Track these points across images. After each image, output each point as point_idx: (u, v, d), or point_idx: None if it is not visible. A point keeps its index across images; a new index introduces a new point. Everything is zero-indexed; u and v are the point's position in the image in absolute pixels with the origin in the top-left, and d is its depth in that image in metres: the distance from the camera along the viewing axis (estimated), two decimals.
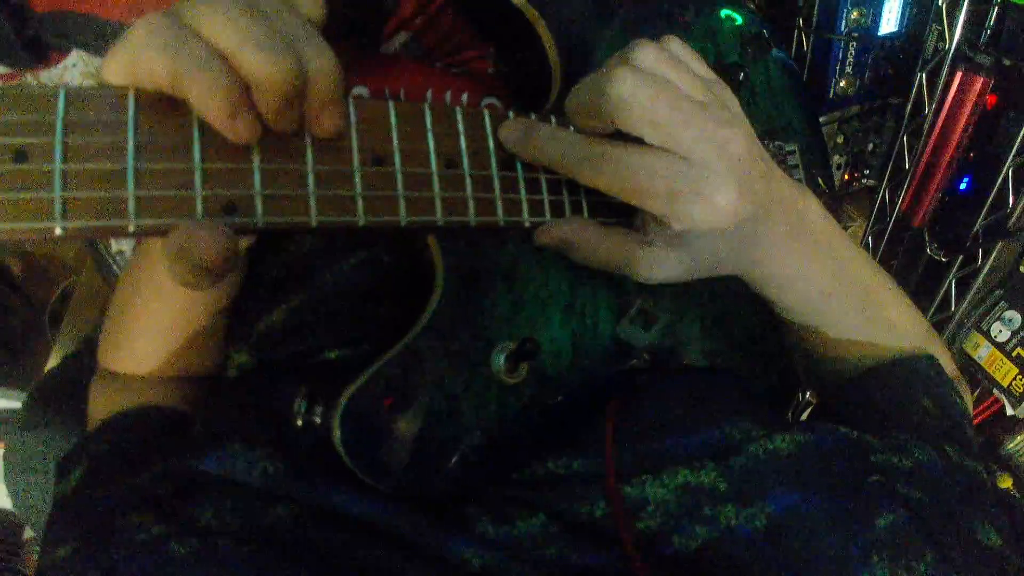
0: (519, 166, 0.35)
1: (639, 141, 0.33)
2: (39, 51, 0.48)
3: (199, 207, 0.26)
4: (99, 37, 0.46)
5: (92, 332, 1.03)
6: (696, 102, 0.33)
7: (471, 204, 0.33)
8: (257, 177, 0.27)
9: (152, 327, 0.44)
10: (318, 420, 0.30)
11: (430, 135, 0.32)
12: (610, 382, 0.39)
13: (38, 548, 0.94)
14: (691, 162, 0.33)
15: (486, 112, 0.35)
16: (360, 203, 0.29)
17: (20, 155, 0.23)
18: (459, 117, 0.33)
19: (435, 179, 0.32)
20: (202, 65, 0.24)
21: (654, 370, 0.41)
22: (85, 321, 1.10)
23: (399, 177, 0.31)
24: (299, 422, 0.30)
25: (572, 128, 0.35)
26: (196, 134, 0.26)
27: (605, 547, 0.30)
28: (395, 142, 0.31)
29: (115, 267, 0.73)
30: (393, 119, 0.31)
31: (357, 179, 0.29)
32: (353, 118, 0.30)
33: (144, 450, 0.41)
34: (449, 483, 0.32)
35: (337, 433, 0.29)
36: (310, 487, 0.33)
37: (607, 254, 0.35)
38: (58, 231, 0.24)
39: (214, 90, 0.24)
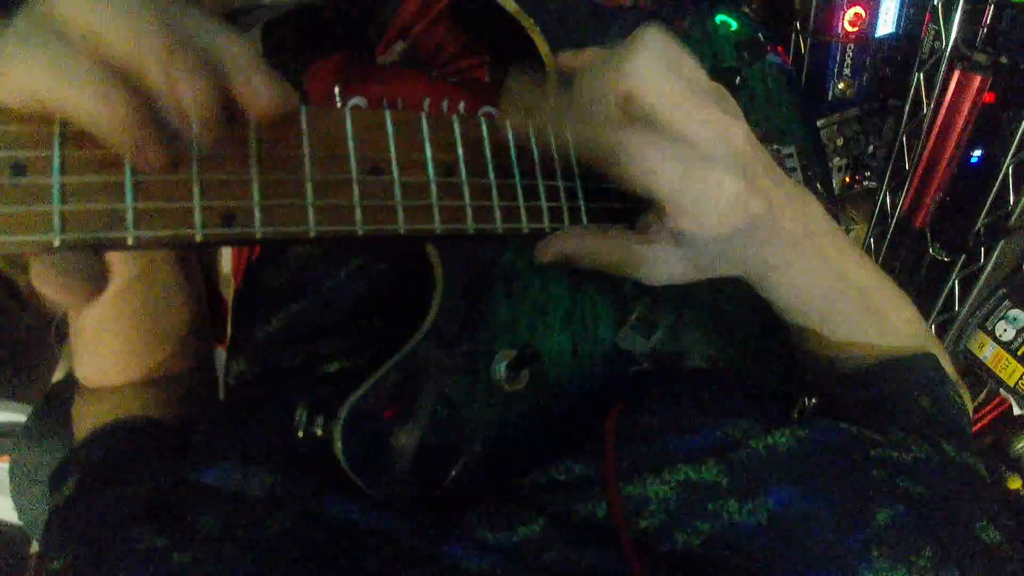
0: (517, 174, 0.35)
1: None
2: None
3: (197, 218, 0.26)
4: None
5: None
6: (702, 90, 0.34)
7: (469, 212, 0.33)
8: (256, 188, 0.27)
9: (120, 333, 0.44)
10: (319, 432, 0.30)
11: (427, 144, 0.32)
12: (611, 387, 0.39)
13: None
14: (699, 147, 0.33)
15: (483, 120, 0.35)
16: (358, 212, 0.29)
17: (19, 168, 0.23)
18: (456, 125, 0.34)
19: (433, 187, 0.32)
20: (100, 88, 0.22)
21: (656, 373, 0.41)
22: None
23: (397, 186, 0.31)
24: (300, 433, 0.30)
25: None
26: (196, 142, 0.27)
27: (605, 547, 0.30)
28: (392, 151, 0.31)
29: None
30: (390, 128, 0.31)
31: (355, 188, 0.30)
32: (350, 128, 0.30)
33: (136, 460, 0.40)
34: (450, 491, 0.32)
35: (339, 445, 0.29)
36: (310, 496, 0.33)
37: (609, 255, 0.35)
38: (56, 243, 0.24)
39: (117, 112, 0.22)
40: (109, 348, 0.44)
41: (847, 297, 0.41)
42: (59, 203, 0.24)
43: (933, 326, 0.79)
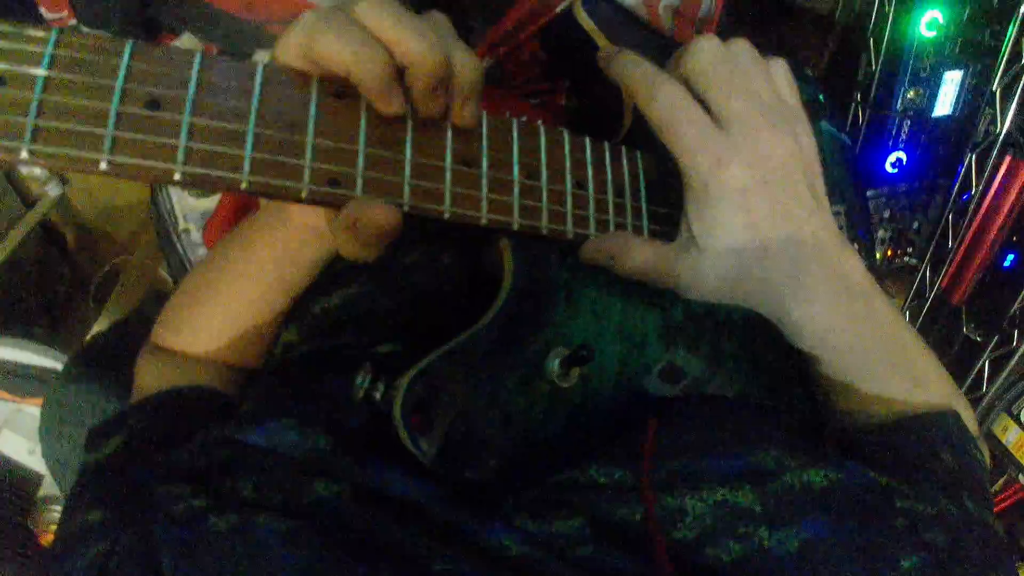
0: (590, 187, 0.37)
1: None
2: (154, 30, 0.52)
3: (306, 176, 0.29)
4: (211, 24, 0.50)
5: (141, 306, 1.06)
6: (758, 99, 0.36)
7: (545, 214, 0.35)
8: (361, 159, 0.30)
9: (230, 307, 0.45)
10: (379, 395, 0.32)
11: (515, 146, 0.35)
12: (650, 401, 0.40)
13: (53, 507, 0.95)
14: (727, 133, 0.35)
15: (566, 133, 0.37)
16: (448, 197, 0.32)
17: (154, 103, 0.26)
18: (542, 134, 0.36)
19: (516, 186, 0.34)
20: (367, 45, 0.28)
21: (691, 397, 0.42)
22: (132, 297, 1.14)
23: (484, 179, 0.33)
24: (360, 395, 0.32)
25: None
26: (313, 112, 0.29)
27: (639, 552, 0.31)
28: (484, 148, 0.34)
29: (179, 245, 0.76)
30: (484, 127, 0.34)
31: (448, 175, 0.32)
32: (449, 121, 0.33)
33: (188, 427, 0.41)
34: (494, 473, 0.33)
35: (398, 411, 0.30)
36: (358, 465, 0.33)
37: (646, 264, 0.37)
38: (177, 176, 0.26)
39: (375, 65, 0.28)
40: (229, 320, 0.45)
41: (878, 349, 0.41)
42: (186, 140, 0.26)
43: None
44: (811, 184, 0.38)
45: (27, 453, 0.99)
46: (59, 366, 0.95)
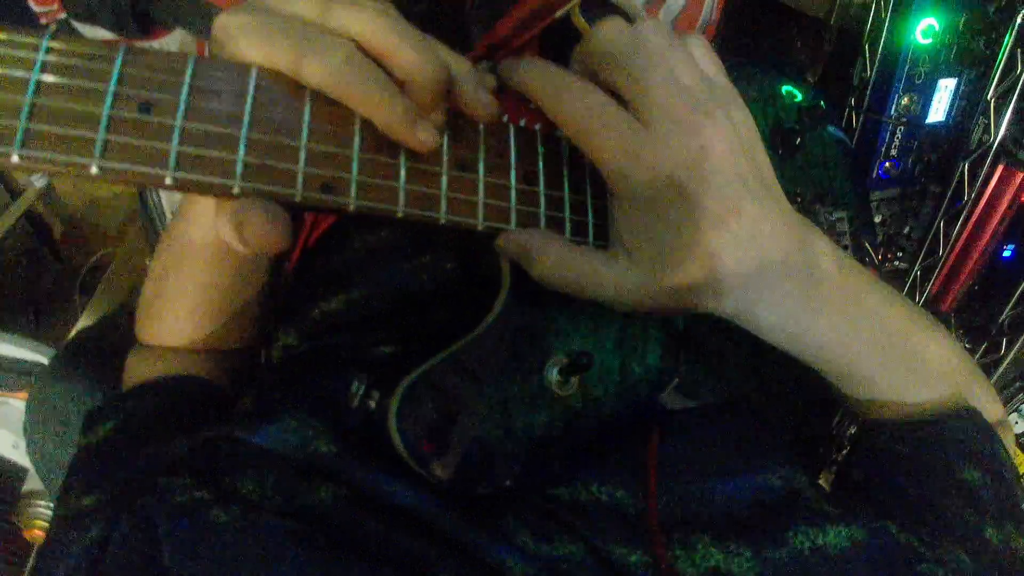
0: (588, 191, 0.37)
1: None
2: (146, 25, 0.52)
3: (299, 181, 0.28)
4: (205, 21, 0.49)
5: (128, 299, 1.05)
6: (680, 84, 0.31)
7: (543, 219, 0.35)
8: (355, 164, 0.29)
9: (195, 298, 0.44)
10: (374, 404, 0.31)
11: (513, 151, 0.34)
12: (652, 411, 0.40)
13: (38, 502, 0.94)
14: (651, 129, 0.31)
15: (563, 139, 0.37)
16: (443, 202, 0.31)
17: (146, 107, 0.26)
18: (539, 139, 0.36)
19: (512, 192, 0.34)
20: (378, 85, 0.28)
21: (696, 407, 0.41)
22: (119, 289, 1.13)
23: (481, 185, 0.33)
24: (355, 403, 0.32)
25: None
26: (307, 117, 0.29)
27: None
28: (481, 153, 0.33)
29: None
30: (482, 132, 0.33)
31: (443, 180, 0.32)
32: (446, 126, 0.32)
33: (183, 416, 0.41)
34: (493, 483, 0.33)
35: (393, 420, 0.30)
36: (360, 471, 0.32)
37: (572, 272, 0.33)
38: (168, 180, 0.26)
39: (393, 106, 0.29)
40: (198, 310, 0.44)
41: (870, 347, 0.37)
42: (177, 144, 0.26)
43: None
44: (757, 170, 0.33)
45: (11, 447, 0.98)
46: (44, 360, 0.94)
